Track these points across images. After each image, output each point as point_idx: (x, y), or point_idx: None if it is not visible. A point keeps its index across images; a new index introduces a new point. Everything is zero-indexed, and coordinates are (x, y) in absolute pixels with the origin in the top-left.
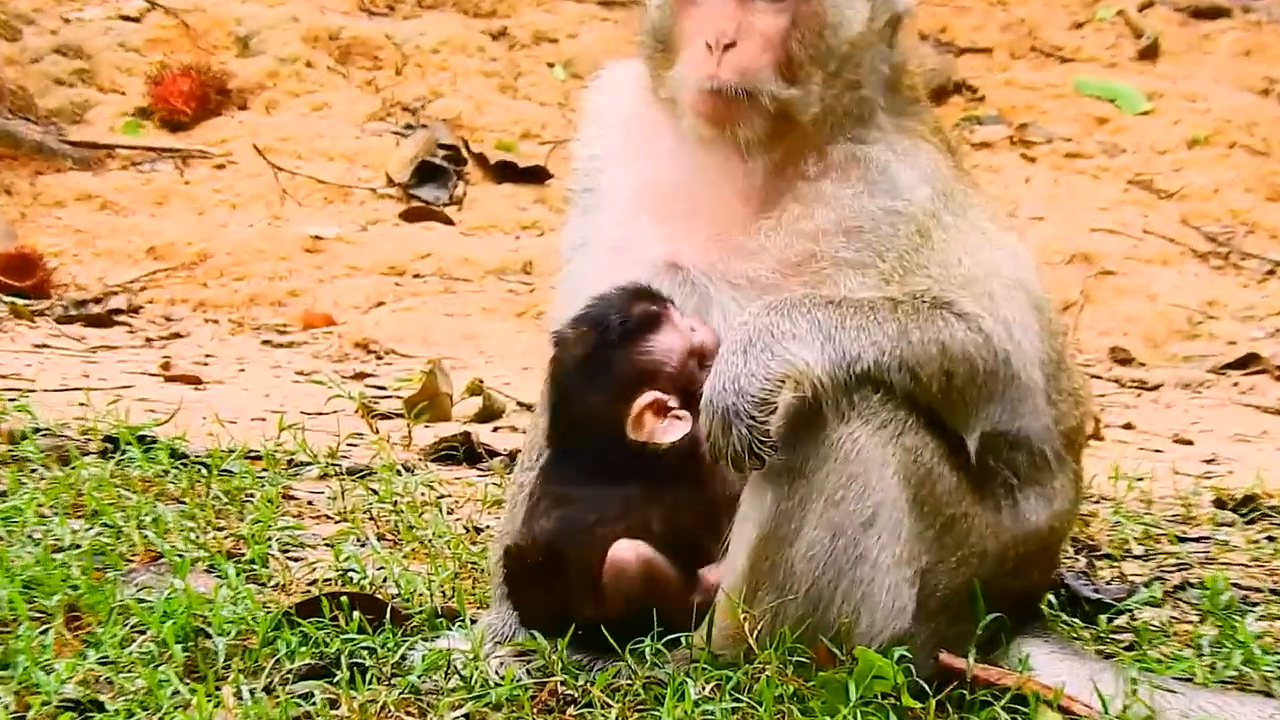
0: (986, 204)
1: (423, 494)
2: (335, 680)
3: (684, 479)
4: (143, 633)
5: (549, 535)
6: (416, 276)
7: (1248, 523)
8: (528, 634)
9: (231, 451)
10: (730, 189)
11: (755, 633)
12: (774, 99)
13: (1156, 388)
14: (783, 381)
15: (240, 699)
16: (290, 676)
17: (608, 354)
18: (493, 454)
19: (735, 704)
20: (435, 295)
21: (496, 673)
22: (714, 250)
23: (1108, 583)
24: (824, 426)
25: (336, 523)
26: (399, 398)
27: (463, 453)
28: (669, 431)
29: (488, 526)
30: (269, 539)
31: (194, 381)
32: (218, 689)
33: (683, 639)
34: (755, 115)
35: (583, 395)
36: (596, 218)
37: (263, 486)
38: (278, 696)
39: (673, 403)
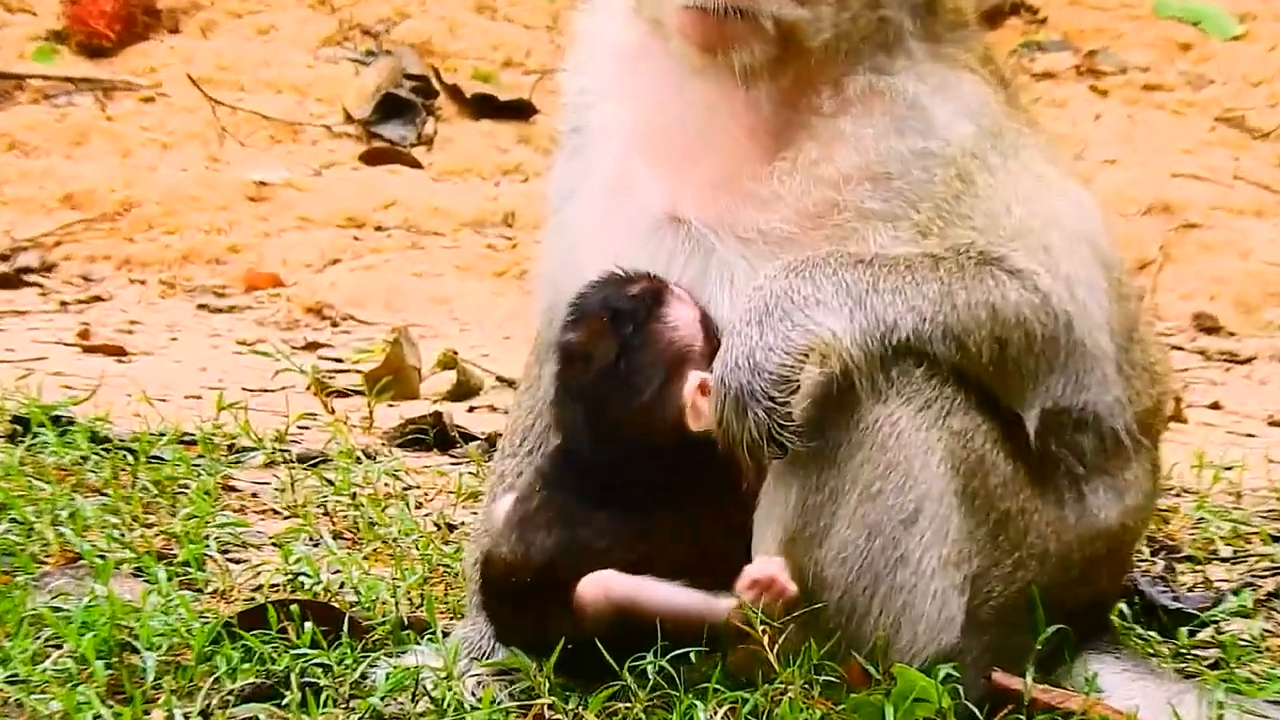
0: (1045, 145)
1: (386, 485)
2: (284, 703)
3: (720, 487)
4: (59, 647)
5: (547, 555)
6: (379, 229)
7: None
8: (509, 650)
9: (162, 435)
10: (735, 125)
11: (777, 648)
12: (775, 20)
13: (1249, 361)
14: (806, 355)
15: None
16: (231, 699)
17: (634, 348)
18: (468, 438)
19: None
20: (401, 251)
21: (473, 694)
22: (720, 198)
23: (1189, 590)
24: (857, 408)
25: (285, 518)
26: (358, 372)
27: (433, 436)
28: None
29: (463, 523)
30: (206, 537)
31: (118, 352)
32: (146, 713)
33: (691, 656)
34: (753, 39)
35: (618, 402)
36: (586, 161)
37: (199, 476)
38: None
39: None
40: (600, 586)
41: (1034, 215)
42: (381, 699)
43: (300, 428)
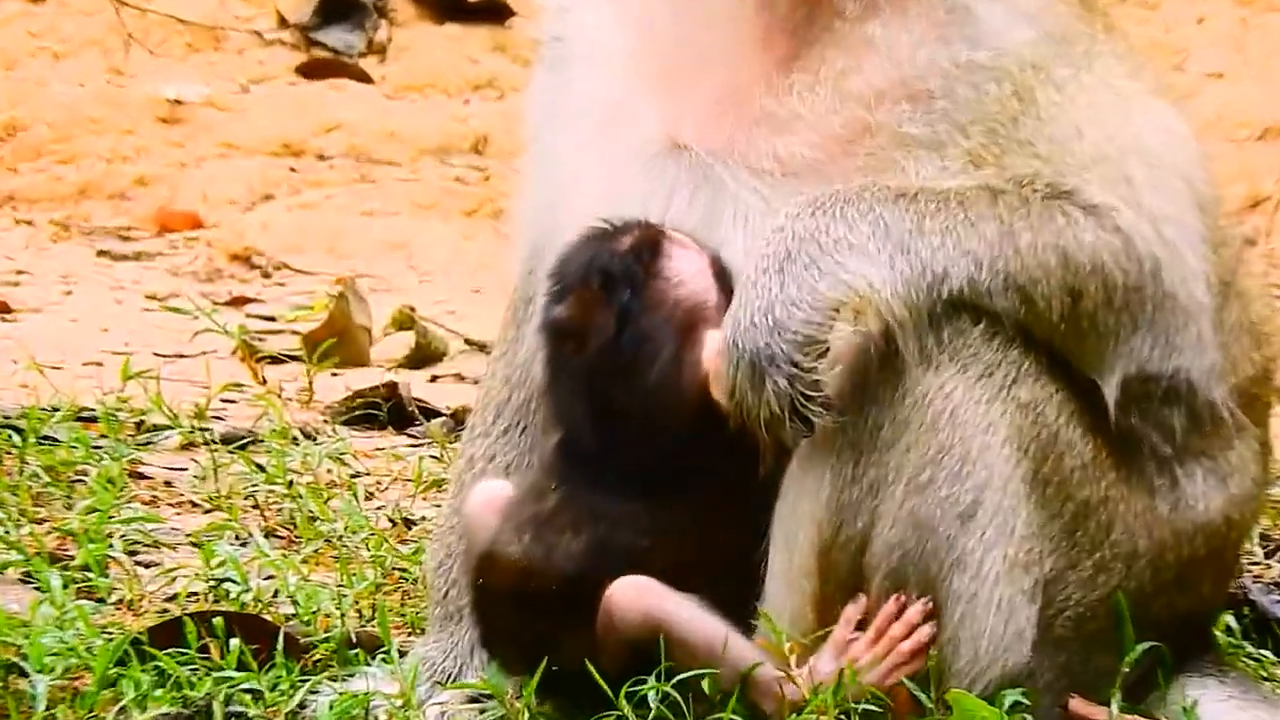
0: (1126, 54)
1: (330, 471)
2: None
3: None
4: None
5: (575, 560)
6: (321, 158)
7: None
8: (483, 670)
9: (55, 410)
10: (745, 30)
11: (805, 672)
12: None
13: None
14: (836, 311)
15: None
16: None
17: (635, 315)
18: (430, 414)
19: None
20: (347, 185)
21: None
22: (728, 120)
23: None
24: (901, 377)
25: (206, 512)
26: (295, 333)
27: (387, 412)
28: None
29: (423, 518)
30: (109, 535)
31: (0, 309)
32: None
33: (704, 682)
34: None
35: (624, 383)
36: (568, 76)
37: (100, 461)
38: None
39: None
40: (637, 593)
41: (1111, 140)
42: None
43: (224, 402)
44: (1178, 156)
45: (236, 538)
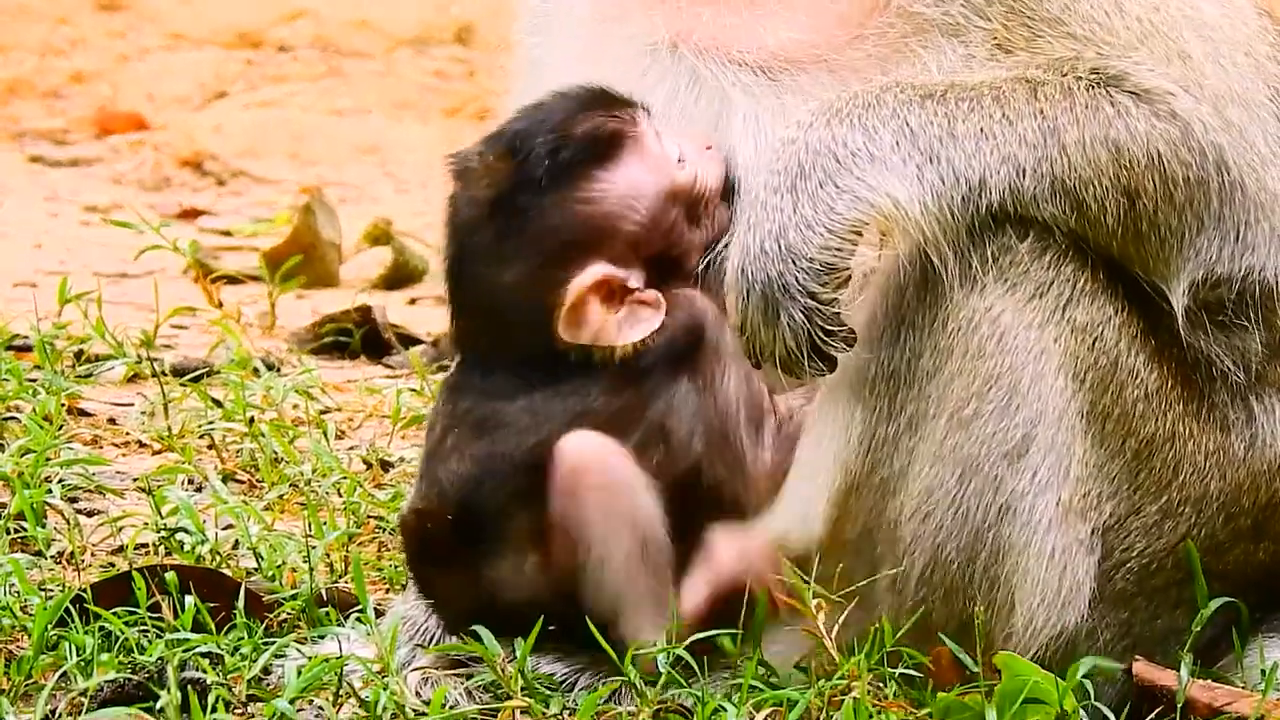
0: None
1: (296, 407)
2: (157, 707)
3: (679, 386)
4: None
5: (465, 484)
6: (282, 50)
7: None
8: (465, 632)
9: None
10: None
11: (835, 631)
12: None
13: None
14: (858, 232)
15: None
16: (84, 702)
17: (528, 200)
18: (409, 341)
19: None
20: (312, 81)
21: (418, 694)
22: (724, 13)
23: None
24: (941, 300)
25: (156, 453)
26: (254, 249)
27: (359, 340)
28: (627, 328)
29: (401, 459)
30: (47, 480)
31: None
32: None
33: (719, 641)
34: None
35: (487, 268)
36: None
37: (34, 396)
38: None
39: (635, 281)
40: (591, 441)
41: (1158, 11)
42: (291, 701)
43: (175, 328)
44: (1238, 27)
45: (190, 482)
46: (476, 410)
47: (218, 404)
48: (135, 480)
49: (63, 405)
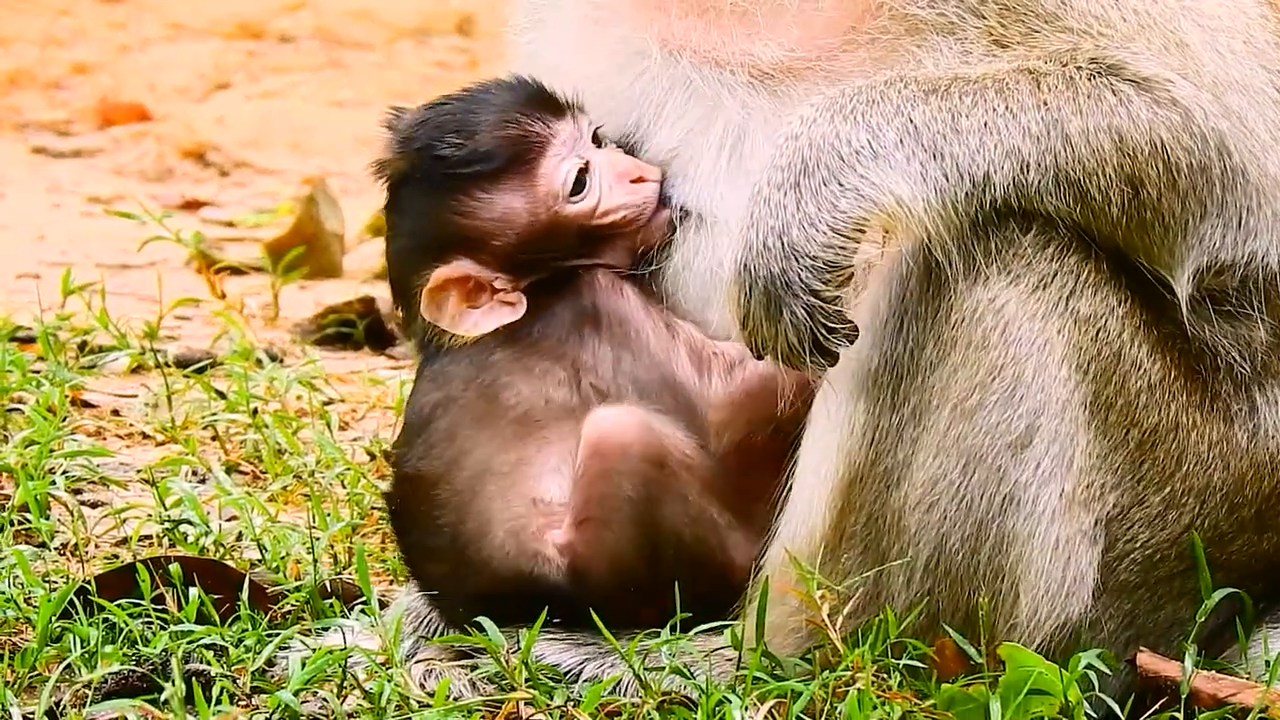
0: None
1: (299, 398)
2: (161, 699)
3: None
4: None
5: (417, 458)
6: (283, 41)
7: None
8: (467, 623)
9: None
10: None
11: (839, 623)
12: None
13: None
14: (861, 230)
15: None
16: (89, 693)
17: (411, 192)
18: None
19: None
20: (314, 71)
21: (422, 685)
22: (717, 18)
23: None
24: (945, 291)
25: (160, 444)
26: (257, 240)
27: (363, 330)
28: (480, 320)
29: None
30: (50, 472)
31: None
32: None
33: (728, 633)
34: None
35: (388, 239)
36: None
37: (38, 387)
38: None
39: (501, 282)
40: (626, 414)
41: (1155, 3)
42: (296, 693)
43: (178, 319)
44: (1236, 16)
45: (194, 474)
46: (434, 375)
47: (221, 395)
48: (139, 472)
49: (66, 397)
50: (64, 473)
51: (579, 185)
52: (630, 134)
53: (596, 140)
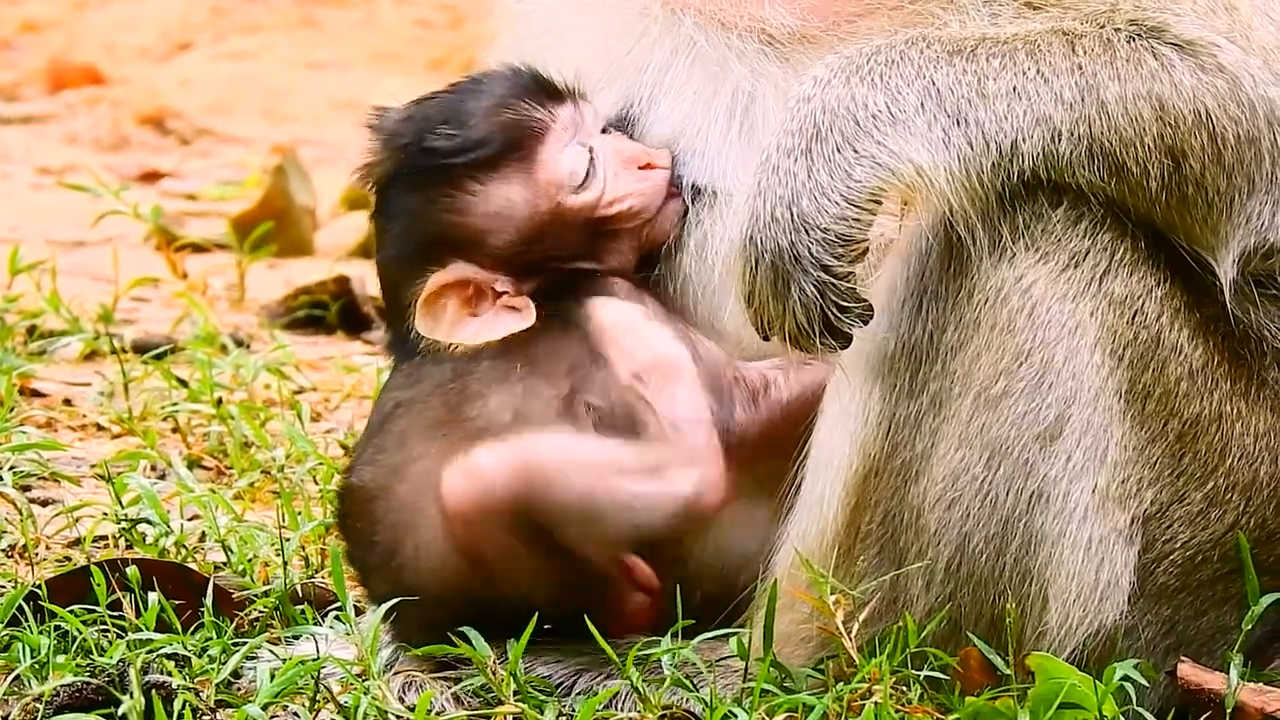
0: None
1: (268, 387)
2: (119, 714)
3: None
4: None
5: (366, 468)
6: None
7: None
8: (450, 632)
9: None
10: None
11: (854, 630)
12: None
13: None
14: (877, 201)
15: None
16: (39, 707)
17: (402, 191)
18: None
19: None
20: (285, 30)
21: (402, 699)
22: None
23: None
24: (968, 269)
25: (116, 437)
26: (222, 215)
27: (336, 313)
28: (482, 329)
29: None
30: None
31: None
32: None
33: (734, 642)
34: None
35: (379, 251)
36: None
37: None
38: None
39: (503, 285)
40: (478, 470)
41: None
42: (264, 707)
43: (135, 300)
44: None
45: (153, 469)
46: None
47: (182, 383)
48: (93, 466)
49: (14, 385)
50: (11, 468)
51: (583, 173)
52: (631, 102)
53: (601, 128)
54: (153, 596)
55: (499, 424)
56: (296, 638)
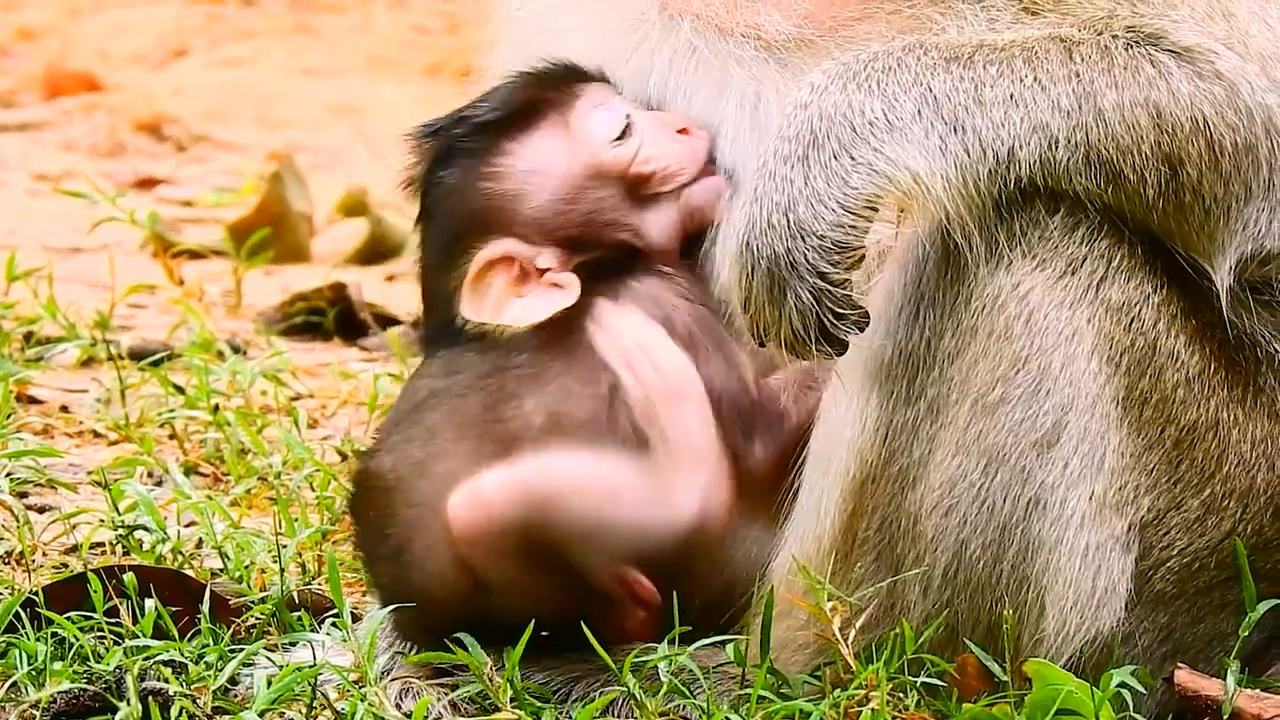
0: None
1: (265, 393)
2: (115, 719)
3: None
4: None
5: (384, 460)
6: (248, 3)
7: None
8: (447, 638)
9: None
10: None
11: (851, 637)
12: None
13: None
14: (874, 208)
15: None
16: (37, 714)
17: (438, 175)
18: (386, 321)
19: None
20: (281, 36)
21: (398, 706)
22: None
23: None
24: (965, 276)
25: (113, 444)
26: (218, 221)
27: (333, 319)
28: (527, 308)
29: None
30: None
31: None
32: None
33: (731, 648)
34: None
35: (421, 245)
36: None
37: None
38: None
39: (545, 260)
40: (484, 497)
41: None
42: (261, 714)
43: (132, 307)
44: None
45: (150, 475)
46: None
47: (179, 390)
48: (90, 473)
49: (11, 392)
50: (8, 474)
51: (619, 128)
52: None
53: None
54: (150, 603)
55: (532, 428)
56: (293, 644)
